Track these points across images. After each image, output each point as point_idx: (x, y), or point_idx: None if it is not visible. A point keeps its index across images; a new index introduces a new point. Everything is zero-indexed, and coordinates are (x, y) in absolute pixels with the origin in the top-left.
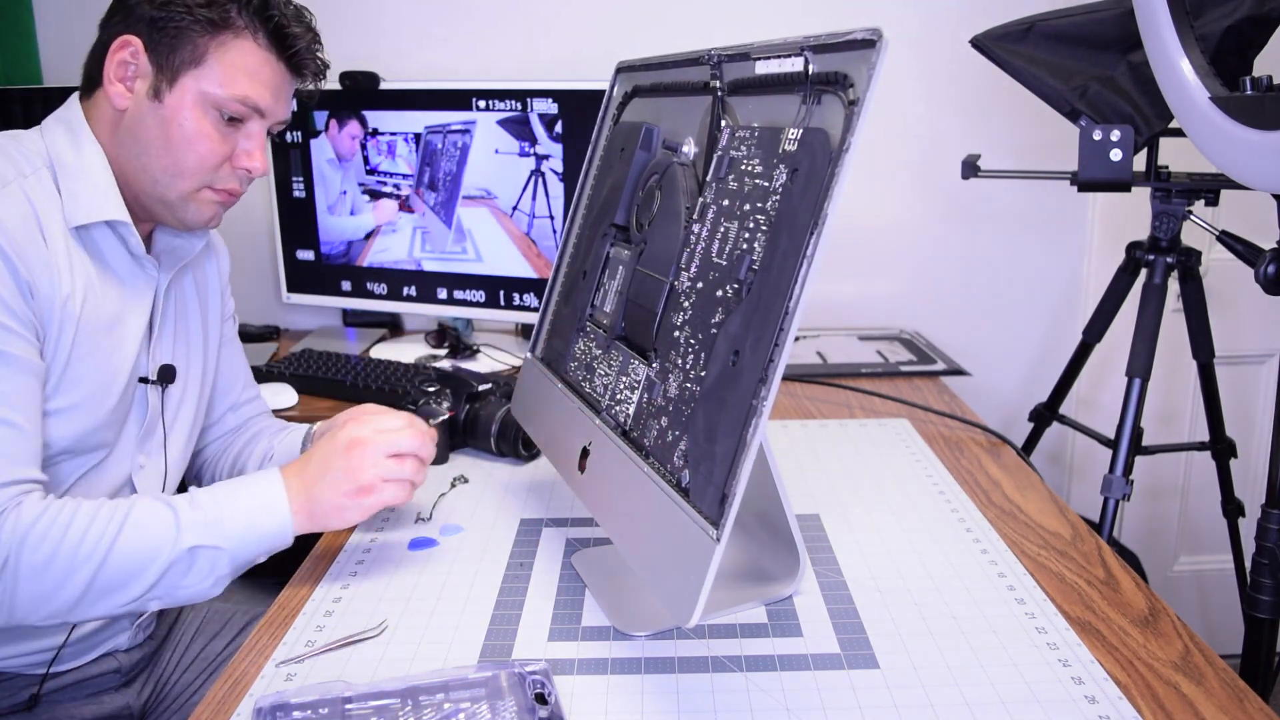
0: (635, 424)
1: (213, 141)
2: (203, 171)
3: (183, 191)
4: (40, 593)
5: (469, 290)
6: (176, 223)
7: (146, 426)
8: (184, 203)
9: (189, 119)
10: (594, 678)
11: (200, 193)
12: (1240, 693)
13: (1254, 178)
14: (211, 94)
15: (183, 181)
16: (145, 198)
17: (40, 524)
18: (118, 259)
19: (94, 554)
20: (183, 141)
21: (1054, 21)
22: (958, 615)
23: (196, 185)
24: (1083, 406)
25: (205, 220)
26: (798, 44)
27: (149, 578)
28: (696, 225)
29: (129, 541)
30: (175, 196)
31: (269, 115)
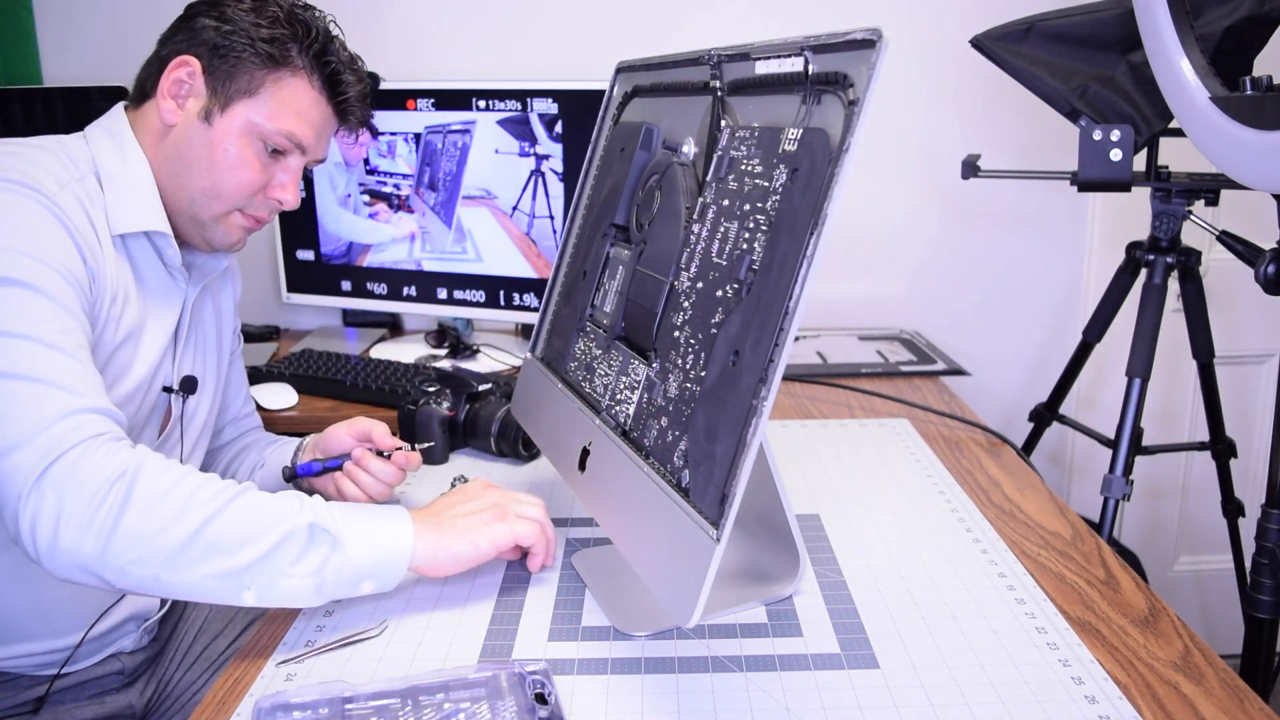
0: (635, 424)
1: (253, 170)
2: (239, 197)
3: (216, 213)
4: (148, 526)
5: (469, 290)
6: (202, 242)
7: (165, 435)
8: (215, 224)
9: (234, 146)
10: (594, 678)
11: (231, 216)
12: (1240, 693)
13: (1254, 178)
14: (260, 125)
15: (218, 204)
16: (178, 214)
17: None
18: (151, 269)
19: (213, 501)
20: (225, 166)
21: (1054, 21)
22: (958, 615)
23: (229, 209)
24: (1083, 406)
25: (231, 243)
26: (798, 44)
27: (262, 545)
28: (696, 225)
29: (251, 502)
30: (208, 217)
31: (309, 153)
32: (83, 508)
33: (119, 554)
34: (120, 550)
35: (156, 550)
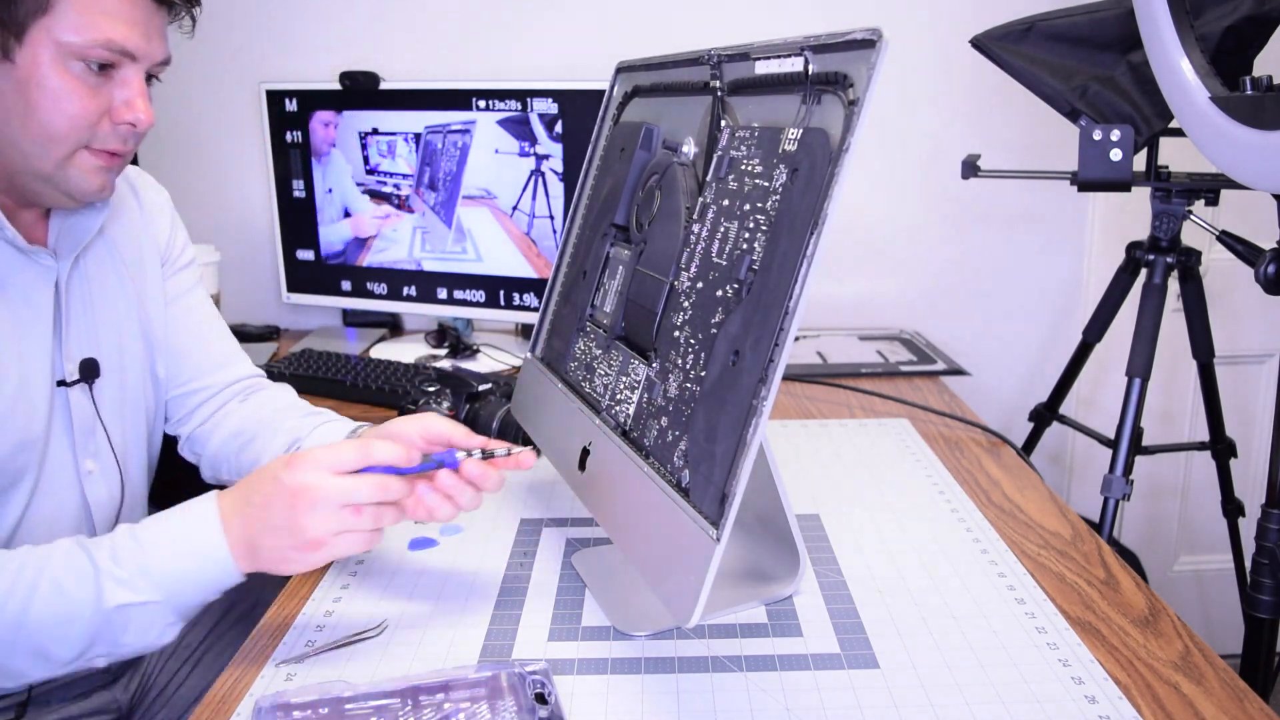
0: (635, 424)
1: (81, 96)
2: (76, 132)
3: (57, 159)
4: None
5: (469, 290)
6: (62, 198)
7: (81, 430)
8: (62, 172)
9: (48, 75)
10: (594, 678)
11: (77, 157)
12: (1240, 693)
13: (1254, 178)
14: (68, 43)
15: (55, 148)
16: (20, 176)
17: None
18: (3, 258)
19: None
20: (46, 103)
21: (1054, 21)
22: (958, 615)
23: (71, 148)
24: (1083, 406)
25: (94, 189)
26: (797, 44)
27: (75, 640)
28: (696, 225)
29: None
30: (51, 167)
31: (142, 58)
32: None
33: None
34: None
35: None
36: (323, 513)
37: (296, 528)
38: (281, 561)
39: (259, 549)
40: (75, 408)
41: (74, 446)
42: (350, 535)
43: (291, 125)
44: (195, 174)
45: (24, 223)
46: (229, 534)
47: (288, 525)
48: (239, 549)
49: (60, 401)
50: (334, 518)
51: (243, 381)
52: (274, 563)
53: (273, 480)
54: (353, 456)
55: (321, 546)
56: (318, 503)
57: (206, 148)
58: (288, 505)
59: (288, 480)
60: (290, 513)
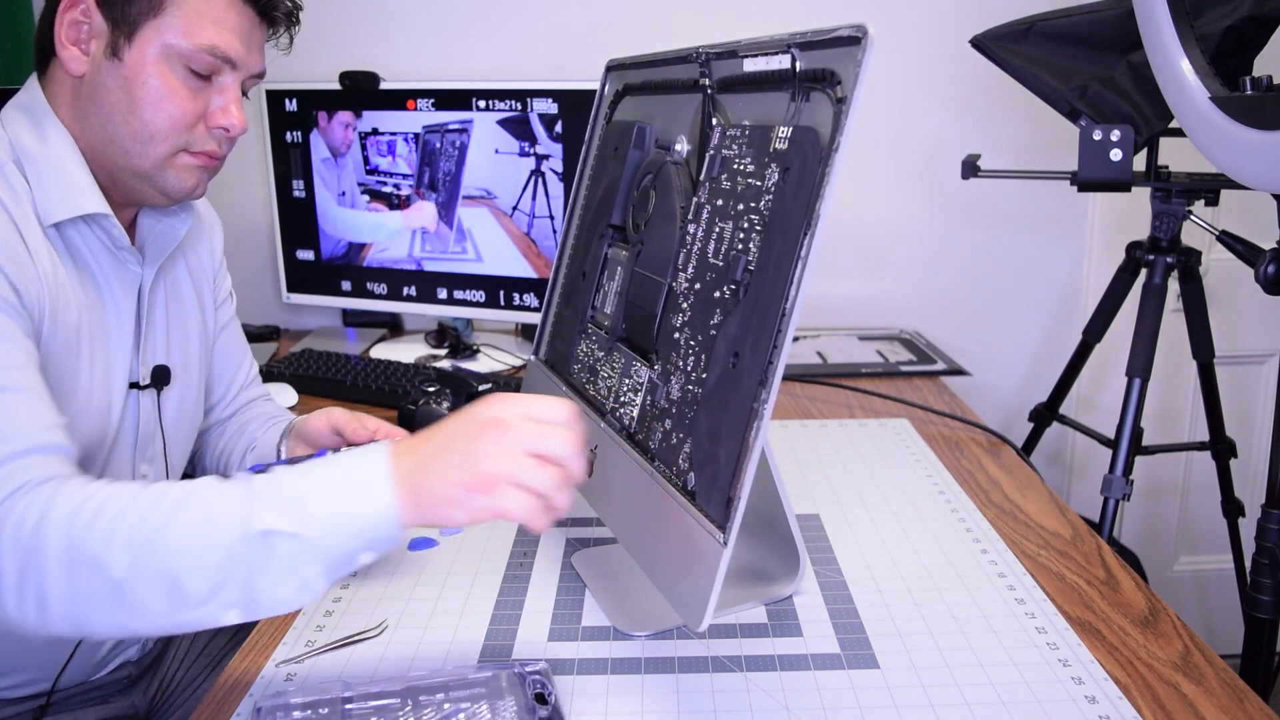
0: (640, 427)
1: (182, 99)
2: (176, 133)
3: (157, 158)
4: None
5: (469, 290)
6: (158, 195)
7: (144, 434)
8: (161, 171)
9: (154, 75)
10: (594, 678)
11: (177, 158)
12: (1240, 693)
13: (1254, 178)
14: (175, 46)
15: (155, 146)
16: (120, 174)
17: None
18: (98, 255)
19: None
20: (149, 102)
21: (1054, 21)
22: (958, 615)
23: (171, 149)
24: (1083, 406)
25: (189, 188)
26: (784, 41)
27: (211, 571)
28: (692, 225)
29: (189, 518)
30: (150, 165)
31: (241, 67)
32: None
33: (63, 619)
34: (63, 615)
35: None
36: (507, 448)
37: (474, 458)
38: (446, 502)
39: (424, 485)
40: (143, 412)
41: (135, 449)
42: (523, 492)
43: (292, 125)
44: None
45: None
46: (396, 472)
47: (466, 454)
48: (405, 490)
49: (131, 404)
50: (517, 461)
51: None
52: (436, 503)
53: (464, 414)
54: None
55: (493, 487)
56: (506, 437)
57: None
58: (473, 434)
59: (479, 413)
60: (472, 441)
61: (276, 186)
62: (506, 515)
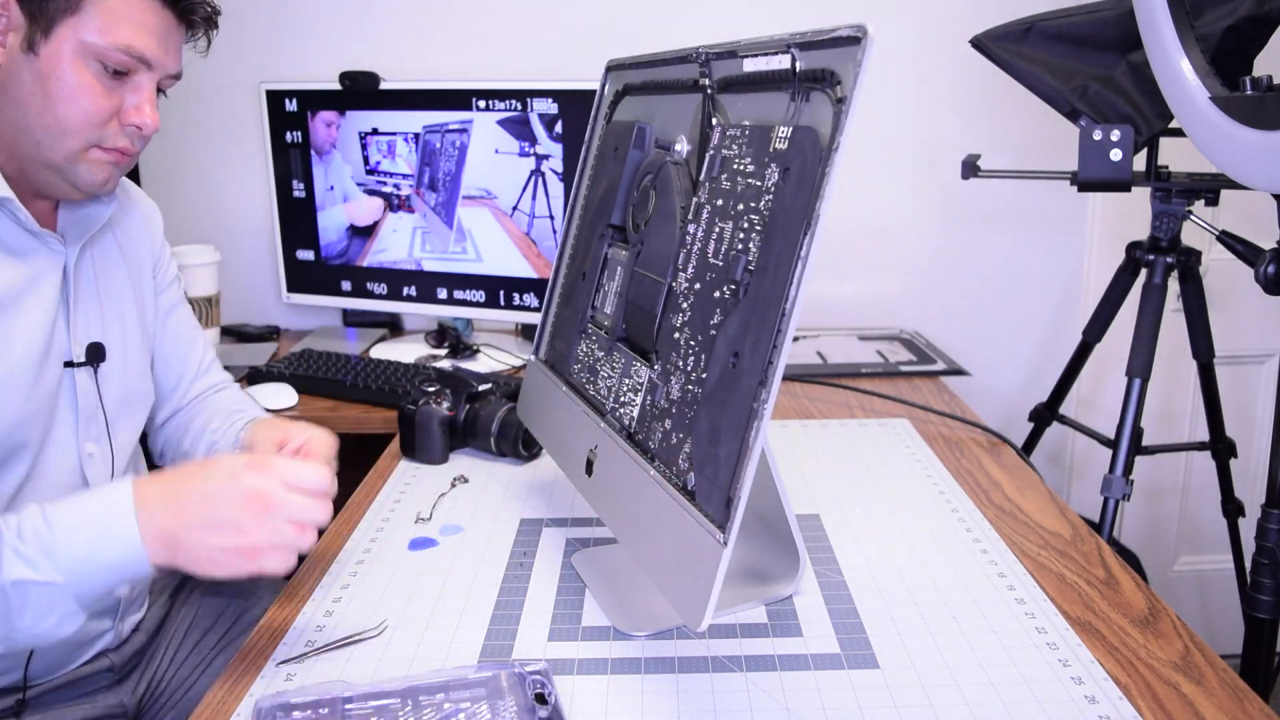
0: (640, 426)
1: (96, 95)
2: (88, 128)
3: (69, 152)
4: None
5: (469, 290)
6: (69, 188)
7: (85, 412)
8: (72, 165)
9: (69, 71)
10: (594, 678)
11: (89, 152)
12: (1240, 693)
13: (1254, 178)
14: (91, 43)
15: (67, 140)
16: (31, 165)
17: None
18: (13, 237)
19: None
20: (63, 97)
21: (1054, 21)
22: (958, 615)
23: (83, 144)
24: (1083, 406)
25: (100, 182)
26: (784, 41)
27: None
28: (692, 225)
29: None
30: (61, 158)
31: (157, 67)
32: None
33: None
34: None
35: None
36: (273, 522)
37: (240, 530)
38: (205, 561)
39: (182, 543)
40: (81, 389)
41: (77, 427)
42: (282, 553)
43: (291, 125)
44: (195, 174)
45: (35, 212)
46: (147, 523)
47: (233, 525)
48: (156, 540)
49: (67, 382)
50: (280, 532)
51: (215, 389)
52: (195, 560)
53: (228, 478)
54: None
55: (258, 556)
56: (273, 511)
57: (206, 148)
58: (239, 506)
59: (246, 481)
60: (239, 513)
61: (276, 186)
62: (264, 573)
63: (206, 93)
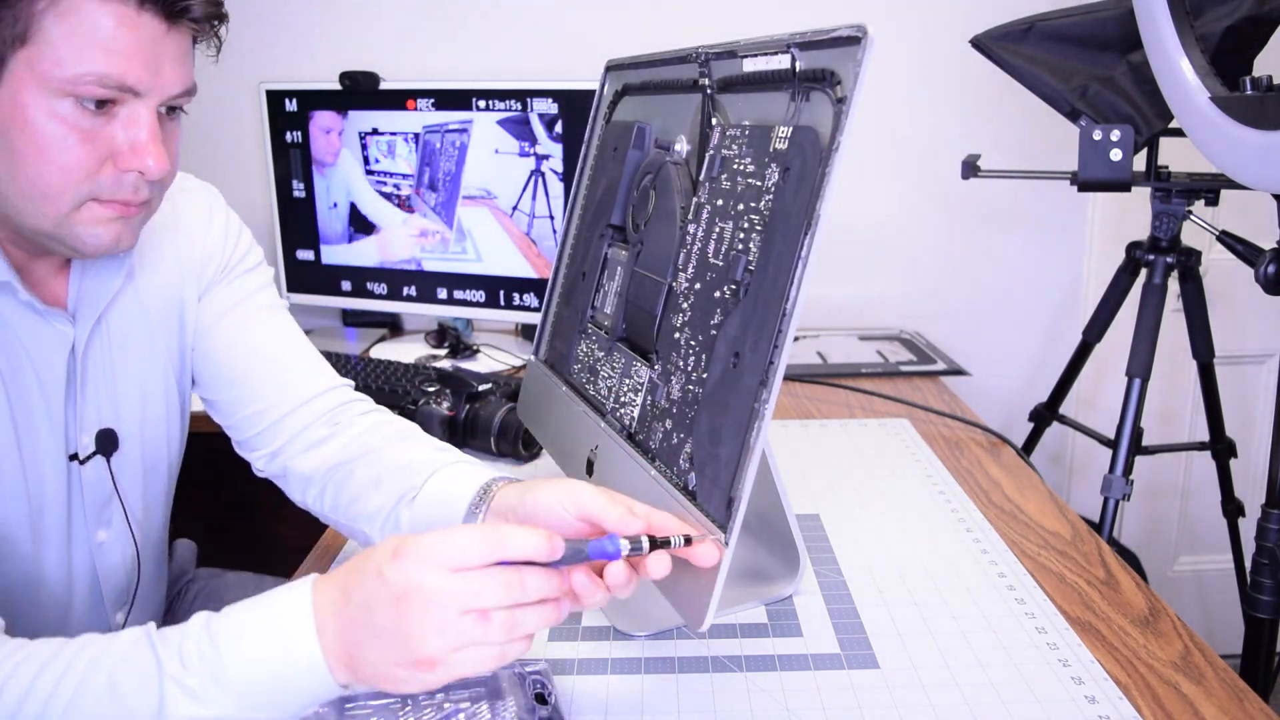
0: (640, 427)
1: (73, 143)
2: (72, 184)
3: (58, 215)
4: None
5: (469, 290)
6: (73, 253)
7: (94, 504)
8: (67, 228)
9: (34, 119)
10: (594, 678)
11: (83, 211)
12: (1240, 693)
13: (1254, 178)
14: (55, 77)
15: (49, 205)
16: (25, 231)
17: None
18: (16, 315)
19: None
20: (31, 151)
21: (1054, 21)
22: (958, 615)
23: (73, 203)
24: (1083, 406)
25: (108, 244)
26: (784, 41)
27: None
28: (692, 225)
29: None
30: (51, 224)
31: (147, 92)
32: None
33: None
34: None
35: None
36: (438, 621)
37: (405, 639)
38: (390, 680)
39: (360, 661)
40: (88, 484)
41: (86, 520)
42: (477, 649)
43: (291, 125)
44: (195, 174)
45: (39, 276)
46: (324, 636)
47: (395, 634)
48: (337, 656)
49: (73, 477)
50: (453, 628)
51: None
52: (382, 681)
53: (375, 576)
54: (479, 550)
55: (437, 665)
56: (432, 609)
57: (206, 148)
58: (394, 610)
59: (392, 577)
60: (397, 620)
61: (276, 186)
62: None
63: (206, 93)
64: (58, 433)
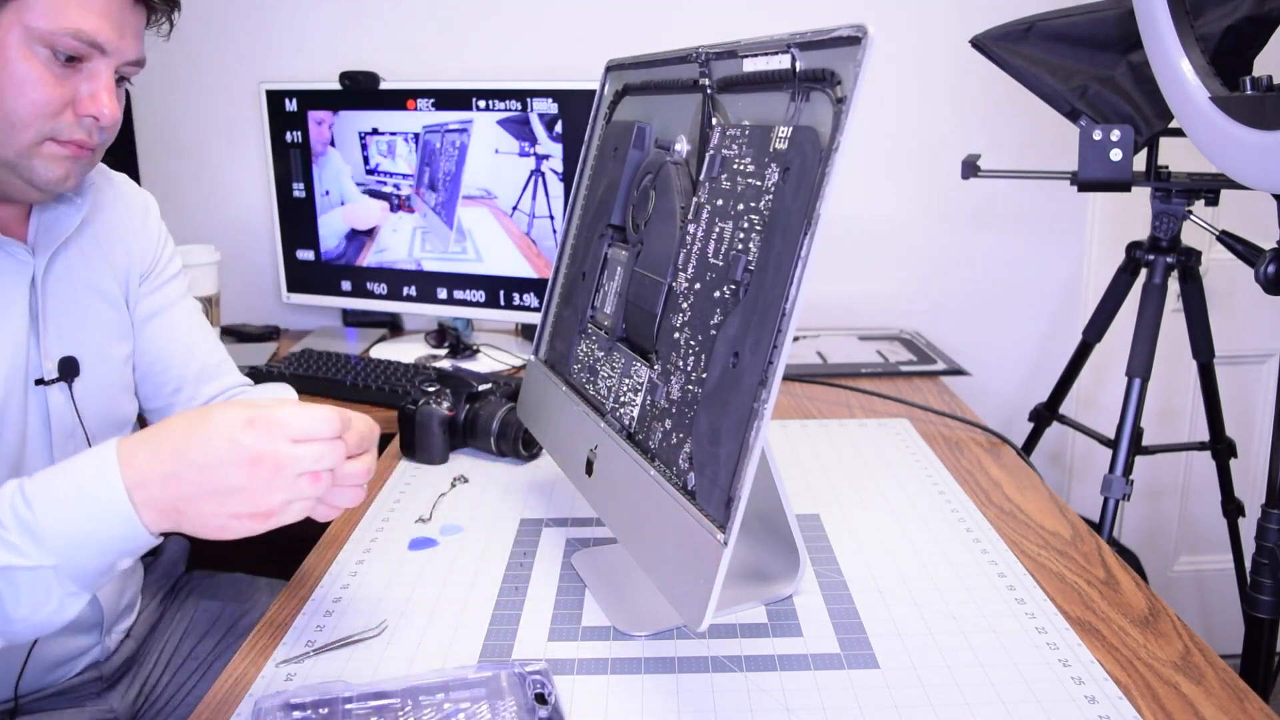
0: (640, 427)
1: (47, 86)
2: (39, 120)
3: (20, 147)
4: None
5: (469, 290)
6: (25, 186)
7: (60, 433)
8: (25, 160)
9: (15, 60)
10: (594, 678)
11: (43, 146)
12: (1240, 693)
13: (1254, 178)
14: (38, 28)
15: (18, 134)
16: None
17: None
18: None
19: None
20: (10, 87)
21: (1054, 21)
22: (958, 615)
23: (36, 138)
24: (1083, 406)
25: (58, 179)
26: (784, 41)
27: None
28: (692, 225)
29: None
30: (13, 154)
31: (112, 52)
32: None
33: None
34: None
35: None
36: (284, 480)
37: (252, 495)
38: (214, 529)
39: (186, 513)
40: (54, 407)
41: (51, 447)
42: (306, 502)
43: (291, 125)
44: (195, 174)
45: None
46: (141, 494)
47: (241, 491)
48: (153, 510)
49: (38, 401)
50: (294, 486)
51: (230, 391)
52: (202, 528)
53: (227, 441)
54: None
55: (272, 515)
56: (283, 470)
57: (207, 148)
58: (245, 471)
59: (248, 443)
60: (247, 480)
61: (276, 186)
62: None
63: (206, 93)
64: (23, 359)
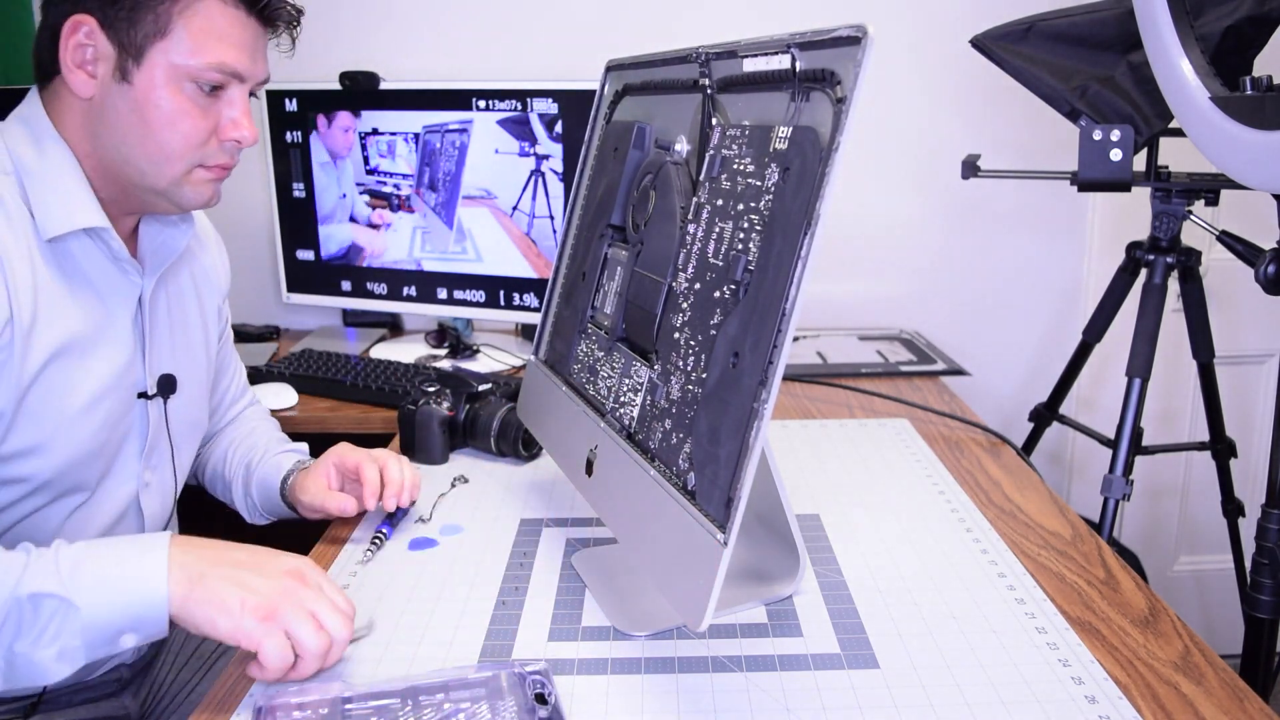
0: (640, 427)
1: (193, 116)
2: (190, 150)
3: (174, 176)
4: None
5: (469, 290)
6: (172, 208)
7: (150, 443)
8: (177, 188)
9: (164, 97)
10: (594, 678)
11: (192, 174)
12: (1240, 693)
13: (1254, 178)
14: (184, 65)
15: (170, 166)
16: (134, 189)
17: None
18: (96, 267)
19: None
20: (162, 123)
21: (1054, 21)
22: (958, 615)
23: (186, 167)
24: (1083, 406)
25: (205, 200)
26: (784, 41)
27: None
28: (692, 225)
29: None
30: (166, 184)
31: (249, 78)
32: None
33: None
34: None
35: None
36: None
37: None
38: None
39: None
40: (151, 421)
41: (141, 456)
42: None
43: (292, 125)
44: None
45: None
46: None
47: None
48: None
49: (139, 413)
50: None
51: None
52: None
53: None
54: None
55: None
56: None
57: None
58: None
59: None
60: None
61: (276, 186)
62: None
63: None
64: (132, 372)
